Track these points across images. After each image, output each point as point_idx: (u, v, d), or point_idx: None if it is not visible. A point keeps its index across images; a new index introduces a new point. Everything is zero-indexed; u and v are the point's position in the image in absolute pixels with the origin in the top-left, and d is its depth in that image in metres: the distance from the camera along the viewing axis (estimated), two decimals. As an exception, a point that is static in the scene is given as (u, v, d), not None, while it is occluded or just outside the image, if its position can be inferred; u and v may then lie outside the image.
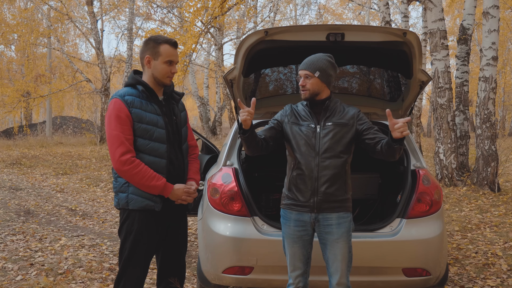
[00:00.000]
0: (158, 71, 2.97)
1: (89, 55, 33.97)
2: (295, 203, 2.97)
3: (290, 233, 2.98)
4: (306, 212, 2.94)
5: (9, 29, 21.44)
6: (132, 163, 2.85)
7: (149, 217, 2.96)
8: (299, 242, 2.97)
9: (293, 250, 2.98)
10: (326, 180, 2.89)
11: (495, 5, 9.08)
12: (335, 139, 2.91)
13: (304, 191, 2.93)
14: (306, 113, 3.00)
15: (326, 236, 2.93)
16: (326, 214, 2.92)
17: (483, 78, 9.19)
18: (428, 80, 3.66)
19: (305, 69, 2.93)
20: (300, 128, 2.97)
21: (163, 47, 2.95)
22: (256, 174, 4.85)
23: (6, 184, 10.36)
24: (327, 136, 2.92)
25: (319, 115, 2.98)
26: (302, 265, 2.99)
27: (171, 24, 24.05)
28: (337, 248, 2.90)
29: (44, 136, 24.85)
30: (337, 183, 2.92)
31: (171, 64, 2.98)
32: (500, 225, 6.69)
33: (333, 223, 2.91)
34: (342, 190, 2.94)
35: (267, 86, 4.42)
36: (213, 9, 11.64)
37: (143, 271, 3.04)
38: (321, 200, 2.90)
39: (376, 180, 4.59)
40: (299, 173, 2.94)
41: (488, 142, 9.09)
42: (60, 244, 5.82)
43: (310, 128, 2.95)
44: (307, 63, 2.94)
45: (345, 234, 2.93)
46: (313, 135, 2.93)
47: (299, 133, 2.96)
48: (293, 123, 3.00)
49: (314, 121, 2.96)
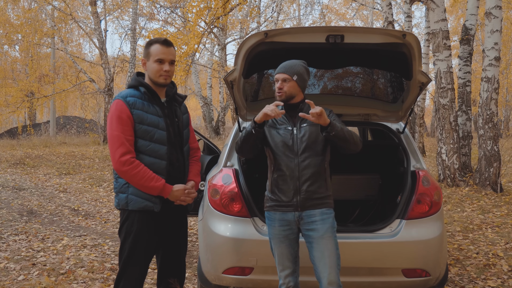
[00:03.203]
0: (150, 71, 3.01)
1: (92, 55, 34.10)
2: (279, 204, 3.04)
3: (276, 233, 3.04)
4: (290, 211, 3.01)
5: (13, 29, 21.50)
6: (132, 164, 2.87)
7: (149, 218, 2.99)
8: (285, 242, 3.03)
9: (280, 249, 3.04)
10: (307, 178, 2.98)
11: (497, 6, 9.07)
12: (312, 139, 3.01)
13: (286, 191, 3.01)
14: (283, 117, 3.10)
15: (311, 234, 2.97)
16: (310, 211, 2.99)
17: (485, 79, 9.18)
18: (428, 81, 3.67)
19: (284, 73, 3.03)
20: (278, 131, 3.07)
21: (153, 47, 3.00)
22: (256, 175, 4.86)
23: (10, 184, 10.40)
24: (304, 136, 3.02)
25: (294, 118, 3.08)
26: (291, 264, 3.05)
27: (174, 24, 24.09)
28: (323, 245, 2.93)
29: (48, 136, 24.94)
30: (318, 181, 3.00)
31: (162, 62, 2.98)
32: (502, 226, 6.68)
33: (317, 219, 2.97)
34: (323, 188, 3.02)
35: (267, 88, 4.43)
36: (216, 9, 11.65)
37: (143, 271, 3.06)
38: (304, 198, 2.98)
39: (376, 181, 4.60)
40: (280, 174, 3.03)
41: (490, 142, 9.07)
42: (62, 244, 5.85)
43: (287, 131, 3.05)
44: (285, 67, 3.05)
45: (330, 230, 2.97)
46: (291, 137, 3.03)
47: (277, 135, 3.06)
48: (271, 127, 3.10)
49: (291, 123, 3.07)
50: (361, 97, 4.41)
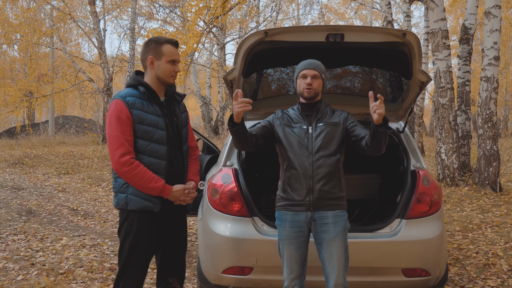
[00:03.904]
0: (162, 71, 2.98)
1: (91, 55, 34.00)
2: (291, 203, 2.99)
3: (286, 234, 2.99)
4: (302, 211, 2.96)
5: (12, 28, 21.46)
6: (131, 165, 2.85)
7: (148, 218, 2.97)
8: (295, 244, 2.97)
9: (289, 251, 2.98)
10: (321, 177, 2.93)
11: (497, 5, 9.06)
12: (327, 138, 2.97)
13: (299, 190, 2.96)
14: (298, 116, 3.07)
15: (322, 235, 2.93)
16: (322, 212, 2.94)
17: (485, 78, 9.18)
18: (428, 80, 3.66)
19: (314, 69, 3.00)
20: (292, 129, 3.03)
21: (165, 47, 2.97)
22: (256, 175, 4.85)
23: (8, 184, 10.39)
24: (319, 136, 2.98)
25: (310, 117, 3.05)
26: (298, 268, 2.99)
27: (173, 24, 24.06)
28: (333, 247, 2.90)
29: (47, 136, 24.91)
30: (332, 181, 2.95)
31: (174, 63, 3.00)
32: (502, 225, 6.68)
33: (330, 221, 2.92)
34: (337, 188, 2.97)
35: (267, 87, 4.43)
36: (215, 9, 11.64)
37: (143, 271, 3.05)
38: (317, 198, 2.93)
39: (376, 181, 4.59)
40: (293, 173, 2.98)
41: (490, 142, 9.07)
42: (61, 244, 5.84)
43: (302, 129, 3.01)
44: (314, 64, 3.01)
45: (342, 233, 2.93)
46: (306, 135, 3.00)
47: (291, 134, 3.02)
48: (285, 125, 3.06)
49: (306, 123, 3.03)
50: (361, 96, 4.41)
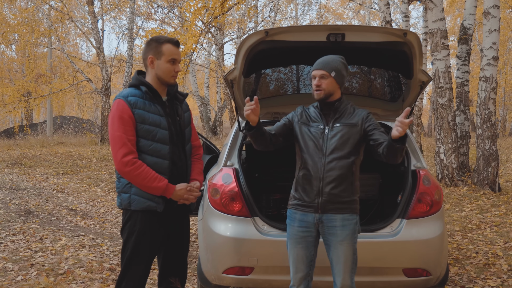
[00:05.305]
0: (162, 70, 2.97)
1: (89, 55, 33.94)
2: (300, 203, 2.97)
3: (294, 233, 2.97)
4: (310, 212, 2.93)
5: (9, 28, 21.42)
6: (134, 164, 2.84)
7: (151, 218, 2.96)
8: (302, 243, 2.96)
9: (296, 251, 2.97)
10: (331, 180, 2.88)
11: (495, 5, 9.07)
12: (343, 140, 2.90)
13: (309, 191, 2.93)
14: (316, 115, 3.01)
15: (329, 238, 2.92)
16: (330, 215, 2.90)
17: (483, 78, 9.19)
18: (429, 80, 3.66)
19: (321, 69, 2.92)
20: (309, 128, 2.98)
21: (165, 46, 2.96)
22: (256, 175, 4.85)
23: (7, 184, 10.37)
24: (334, 137, 2.91)
25: (328, 116, 2.98)
26: (305, 268, 2.97)
27: (172, 24, 24.04)
28: (340, 250, 2.89)
29: (45, 136, 24.84)
30: (343, 184, 2.89)
31: (174, 62, 2.99)
32: (501, 225, 6.68)
33: (337, 224, 2.89)
34: (348, 192, 2.91)
35: (267, 87, 4.42)
36: (213, 9, 11.63)
37: (145, 271, 3.04)
38: (325, 201, 2.89)
39: (377, 180, 4.59)
40: (305, 173, 2.95)
41: (488, 142, 9.08)
42: (60, 244, 5.83)
43: (318, 129, 2.95)
44: (322, 63, 2.93)
45: (350, 236, 2.90)
46: (321, 136, 2.94)
47: (307, 133, 2.97)
48: (303, 123, 3.01)
49: (323, 122, 2.97)
50: (361, 96, 4.40)
